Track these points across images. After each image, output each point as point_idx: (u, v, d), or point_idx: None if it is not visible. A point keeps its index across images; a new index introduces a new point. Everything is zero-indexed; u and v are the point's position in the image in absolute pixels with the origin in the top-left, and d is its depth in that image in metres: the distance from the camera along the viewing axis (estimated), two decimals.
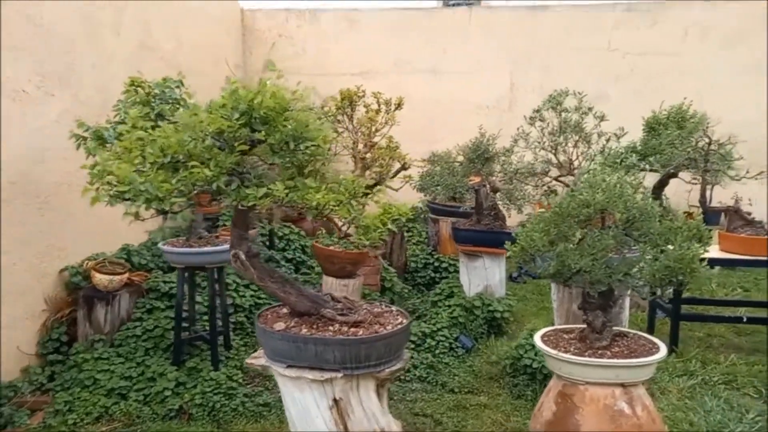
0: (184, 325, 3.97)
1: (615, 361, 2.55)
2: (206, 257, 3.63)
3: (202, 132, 2.04)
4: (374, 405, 2.52)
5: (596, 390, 2.61)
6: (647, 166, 5.30)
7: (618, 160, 3.35)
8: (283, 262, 5.64)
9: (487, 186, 4.77)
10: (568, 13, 8.13)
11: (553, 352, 2.66)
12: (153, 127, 2.23)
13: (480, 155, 4.80)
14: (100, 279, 4.07)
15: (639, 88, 8.01)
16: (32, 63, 3.94)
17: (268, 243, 5.77)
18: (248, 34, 8.45)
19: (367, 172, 4.51)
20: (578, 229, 2.49)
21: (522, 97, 8.34)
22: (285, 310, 2.66)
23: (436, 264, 6.15)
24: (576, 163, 3.53)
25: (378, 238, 2.37)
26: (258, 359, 2.60)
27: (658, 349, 2.67)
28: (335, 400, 2.44)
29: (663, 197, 5.89)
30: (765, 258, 4.22)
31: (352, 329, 2.44)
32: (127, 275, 4.24)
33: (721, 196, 7.51)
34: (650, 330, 4.94)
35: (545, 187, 4.11)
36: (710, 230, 2.52)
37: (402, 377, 3.93)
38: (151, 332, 3.94)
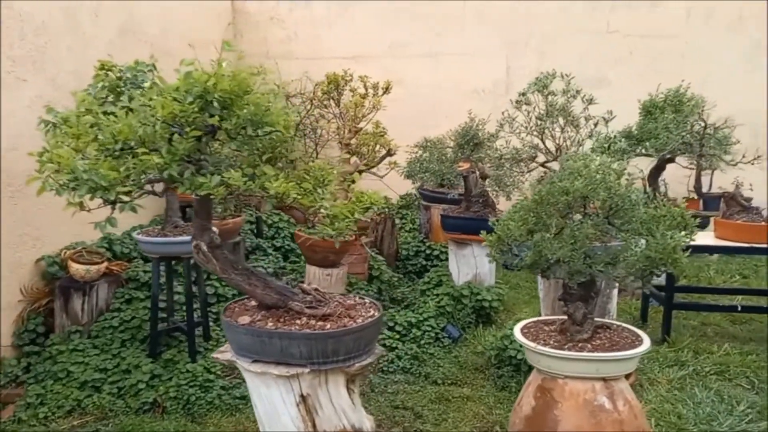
0: (163, 315, 3.88)
1: (595, 354, 2.45)
2: (181, 247, 3.53)
3: (153, 117, 1.93)
4: (344, 401, 2.43)
5: (576, 384, 2.51)
6: (643, 151, 5.18)
7: (606, 145, 3.21)
8: (271, 251, 5.55)
9: (477, 172, 4.65)
10: None
11: (532, 344, 2.56)
12: (106, 113, 2.11)
13: (469, 141, 4.67)
14: (77, 269, 3.98)
15: (640, 71, 7.81)
16: (2, 47, 3.82)
17: (255, 231, 5.68)
18: (239, 18, 8.28)
19: (353, 159, 4.38)
20: (557, 218, 2.37)
21: (519, 81, 8.07)
22: (253, 303, 2.57)
23: (428, 252, 6.04)
24: (564, 149, 3.40)
25: (345, 228, 2.26)
26: (224, 354, 2.51)
27: (641, 341, 2.57)
28: (302, 396, 2.35)
29: (662, 183, 5.76)
30: (760, 245, 4.10)
31: (320, 323, 2.34)
32: (105, 265, 4.15)
33: (722, 181, 7.39)
34: (643, 319, 4.85)
35: (543, 173, 3.99)
36: (697, 218, 2.39)
37: (385, 368, 3.84)
38: (128, 323, 3.86)
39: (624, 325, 2.77)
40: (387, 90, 4.73)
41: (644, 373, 3.79)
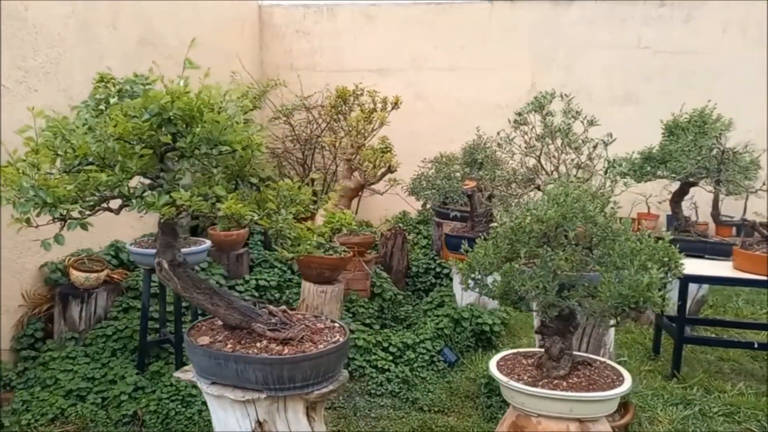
0: (156, 326, 3.90)
1: (568, 394, 2.31)
2: None
3: (106, 134, 1.92)
4: (303, 428, 2.35)
5: (549, 424, 2.37)
6: (661, 173, 4.94)
7: (606, 169, 3.06)
8: (277, 264, 5.53)
9: (483, 191, 4.52)
10: (593, 8, 7.71)
11: (504, 379, 2.44)
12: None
13: (475, 158, 4.55)
14: (77, 276, 4.05)
15: (672, 89, 7.51)
16: (13, 58, 3.94)
17: (264, 243, 5.68)
18: (265, 30, 8.39)
19: (354, 174, 4.33)
20: (531, 247, 2.25)
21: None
22: (221, 323, 2.53)
23: (438, 269, 5.91)
24: (562, 170, 3.25)
25: (306, 251, 2.20)
26: (187, 373, 2.48)
27: (622, 381, 2.41)
28: (259, 422, 2.29)
29: (692, 206, 5.49)
30: None
31: (279, 347, 2.28)
32: (105, 273, 4.21)
33: (759, 206, 7.01)
34: (656, 351, 4.60)
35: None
36: (680, 252, 2.23)
37: (373, 391, 3.75)
38: (121, 332, 3.89)
39: (608, 362, 2.61)
40: (396, 105, 4.65)
41: (646, 411, 3.57)
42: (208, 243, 3.85)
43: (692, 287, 4.93)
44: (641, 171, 5.01)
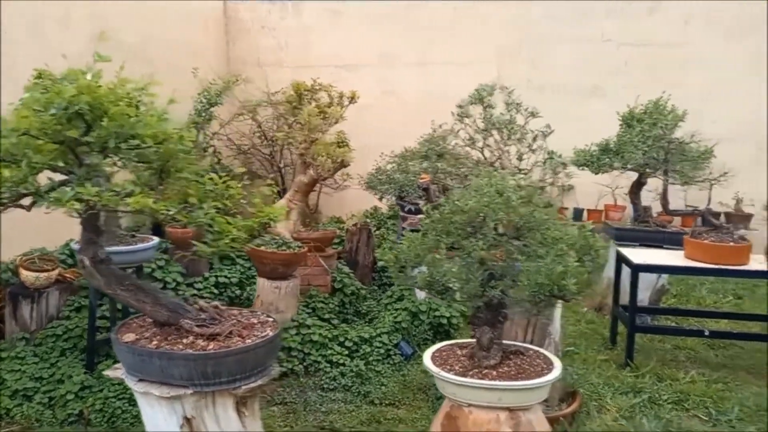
0: (107, 325, 3.86)
1: (495, 383, 2.32)
2: (115, 257, 3.49)
3: (10, 129, 1.89)
4: (233, 424, 2.34)
5: (480, 414, 2.38)
6: (617, 164, 4.98)
7: (545, 160, 3.07)
8: (239, 260, 5.49)
9: (438, 184, 4.53)
10: (557, 2, 7.74)
11: (435, 370, 2.44)
12: None
13: (435, 151, 4.55)
14: (27, 276, 3.99)
15: (636, 82, 7.53)
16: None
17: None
18: (231, 26, 8.33)
19: (309, 170, 4.31)
20: (456, 238, 2.25)
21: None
22: (151, 320, 2.50)
23: None
24: (506, 162, 3.26)
25: (227, 246, 2.18)
26: (117, 370, 2.45)
27: (551, 369, 2.42)
28: (187, 418, 2.28)
29: (658, 198, 5.52)
30: (726, 267, 3.88)
31: (205, 343, 2.27)
32: (57, 272, 4.15)
33: (722, 196, 7.09)
34: (612, 341, 4.64)
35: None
36: (603, 240, 2.24)
37: (326, 386, 3.75)
38: (71, 332, 3.85)
39: (541, 350, 2.62)
40: (352, 100, 4.64)
41: (595, 399, 3.61)
42: (155, 240, 3.81)
43: (652, 277, 4.99)
44: (599, 162, 5.05)
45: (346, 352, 4.06)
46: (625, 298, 4.34)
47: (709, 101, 7.60)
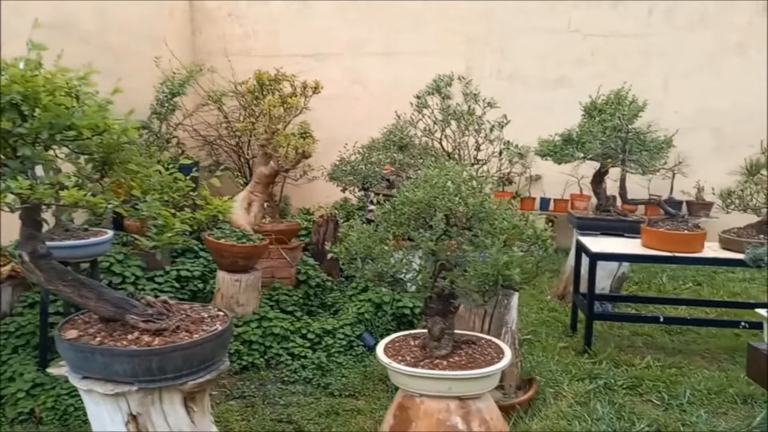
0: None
1: (444, 372, 2.33)
2: (67, 252, 3.42)
3: None
4: (182, 420, 2.31)
5: (431, 403, 2.39)
6: (579, 154, 5.02)
7: (500, 151, 3.08)
8: (202, 253, 5.42)
9: (402, 175, 4.52)
10: None
11: (386, 361, 2.45)
12: None
13: (394, 142, 4.53)
14: None
15: (602, 72, 7.64)
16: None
17: (190, 231, 5.54)
18: (197, 14, 8.17)
19: (270, 162, 4.25)
20: (402, 228, 2.25)
21: (478, 81, 8.00)
22: (97, 316, 2.45)
23: None
24: (465, 152, 3.27)
25: (170, 240, 2.14)
26: (61, 368, 2.40)
27: (501, 358, 2.44)
28: (132, 415, 2.24)
29: (625, 188, 5.59)
30: (681, 255, 3.96)
31: (150, 338, 2.23)
32: (9, 267, 4.04)
33: (684, 185, 7.23)
34: (573, 327, 4.72)
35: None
36: (550, 230, 2.26)
37: (286, 378, 3.73)
38: (24, 328, 3.75)
39: (493, 340, 2.65)
40: (316, 89, 4.59)
41: (553, 386, 3.66)
42: (109, 234, 3.73)
43: (613, 265, 5.07)
44: (561, 153, 5.10)
45: (308, 345, 4.05)
46: (585, 286, 4.41)
47: (670, 91, 7.75)
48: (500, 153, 3.14)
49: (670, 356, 4.23)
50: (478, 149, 3.24)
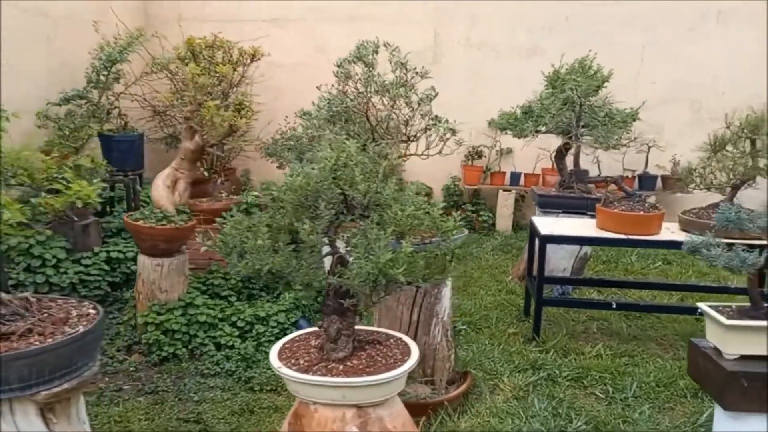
0: None
1: (335, 380, 2.06)
2: None
3: None
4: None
5: (325, 412, 2.13)
6: (539, 128, 4.71)
7: (427, 127, 2.76)
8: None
9: None
10: None
11: (276, 365, 2.18)
12: None
13: (337, 114, 4.19)
14: None
15: (576, 40, 7.24)
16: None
17: (126, 209, 5.23)
18: None
19: (195, 137, 3.92)
20: (288, 219, 1.95)
21: (448, 49, 7.64)
22: None
23: None
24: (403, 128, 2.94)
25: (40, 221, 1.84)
26: None
27: (405, 361, 2.18)
28: None
29: (597, 163, 5.30)
30: (635, 237, 3.70)
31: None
32: None
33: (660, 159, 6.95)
34: (526, 313, 4.46)
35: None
36: (457, 221, 1.97)
37: (206, 372, 3.48)
38: None
39: (404, 338, 2.38)
40: (254, 57, 4.21)
41: (493, 378, 3.43)
42: None
43: (574, 246, 4.82)
44: (521, 126, 4.78)
45: (237, 333, 3.79)
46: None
47: (648, 61, 7.40)
48: (426, 129, 2.83)
49: (624, 343, 4.00)
50: (406, 124, 2.92)
